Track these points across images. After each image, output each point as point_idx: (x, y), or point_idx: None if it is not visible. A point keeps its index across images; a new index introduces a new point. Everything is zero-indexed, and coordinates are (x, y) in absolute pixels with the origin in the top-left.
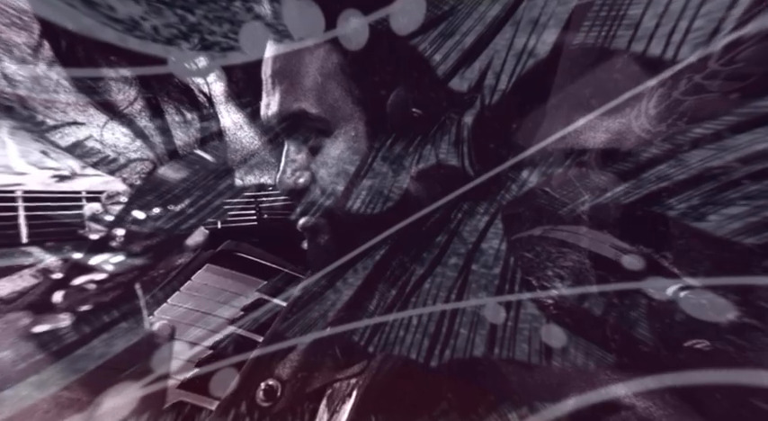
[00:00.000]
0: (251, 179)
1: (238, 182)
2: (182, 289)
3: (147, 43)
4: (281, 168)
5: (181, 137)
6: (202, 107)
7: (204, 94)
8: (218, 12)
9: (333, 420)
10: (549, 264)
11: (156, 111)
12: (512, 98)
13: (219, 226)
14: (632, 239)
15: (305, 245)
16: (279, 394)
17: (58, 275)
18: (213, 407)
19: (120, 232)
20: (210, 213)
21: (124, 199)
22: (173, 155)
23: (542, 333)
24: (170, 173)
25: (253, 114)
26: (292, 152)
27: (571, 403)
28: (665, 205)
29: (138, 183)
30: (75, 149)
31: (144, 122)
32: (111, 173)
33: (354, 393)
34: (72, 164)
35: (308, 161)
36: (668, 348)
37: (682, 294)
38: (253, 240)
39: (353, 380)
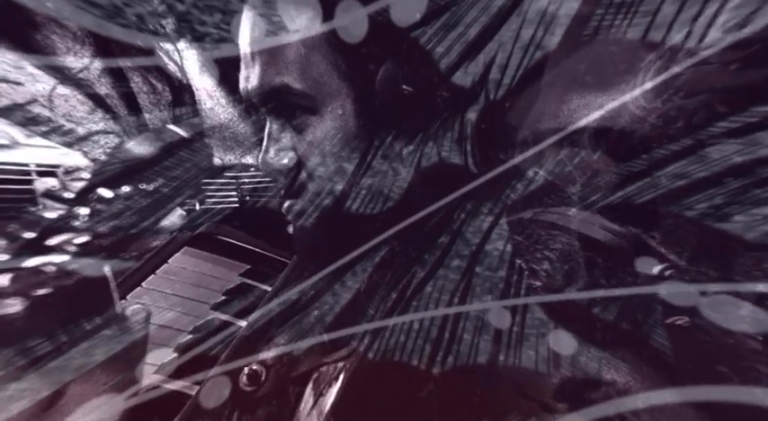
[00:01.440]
0: (231, 158)
1: (217, 161)
2: (157, 272)
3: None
4: (263, 148)
5: (150, 109)
6: (173, 77)
7: (175, 63)
8: (208, 0)
9: (319, 403)
10: (539, 247)
11: (118, 78)
12: (517, 92)
13: (198, 207)
14: (622, 220)
15: (290, 229)
16: (263, 378)
17: (1, 257)
18: (192, 393)
19: (83, 211)
20: (188, 194)
21: (86, 175)
22: (142, 128)
23: (550, 339)
24: (140, 148)
25: (231, 88)
26: (275, 131)
27: (553, 381)
28: (682, 205)
29: (103, 157)
30: (14, 114)
31: (105, 90)
32: (69, 145)
33: (341, 376)
34: (10, 131)
35: (292, 141)
36: (650, 325)
37: (666, 273)
38: (234, 223)
39: (341, 364)
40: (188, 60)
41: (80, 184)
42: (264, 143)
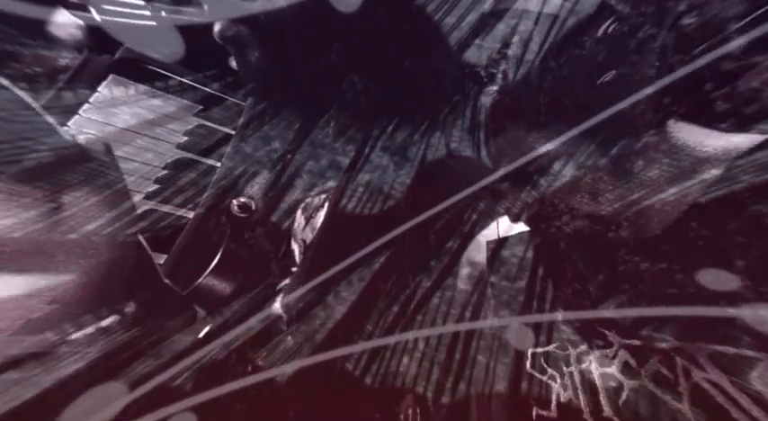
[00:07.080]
0: None
1: None
2: (91, 101)
3: None
4: None
5: None
6: None
7: None
8: None
9: (310, 223)
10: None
11: None
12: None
13: (99, 18)
14: None
15: (232, 62)
16: (254, 208)
17: None
18: (190, 216)
19: None
20: None
21: None
22: None
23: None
24: None
25: None
26: None
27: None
28: None
29: None
30: None
31: None
32: None
33: (326, 204)
34: None
35: None
36: (587, 88)
37: (611, 29)
38: (160, 50)
39: (324, 195)
40: None
41: None
42: None
